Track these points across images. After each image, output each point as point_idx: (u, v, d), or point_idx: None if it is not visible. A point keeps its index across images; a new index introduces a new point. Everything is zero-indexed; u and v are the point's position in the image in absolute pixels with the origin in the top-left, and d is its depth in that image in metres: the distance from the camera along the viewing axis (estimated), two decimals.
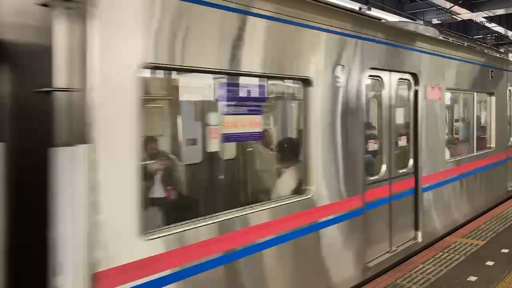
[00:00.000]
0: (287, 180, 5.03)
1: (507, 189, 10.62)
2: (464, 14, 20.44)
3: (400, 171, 6.57)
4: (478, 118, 9.74)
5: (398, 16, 20.44)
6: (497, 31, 24.08)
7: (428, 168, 7.08)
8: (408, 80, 6.76)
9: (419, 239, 6.83)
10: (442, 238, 7.40)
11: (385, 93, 6.27)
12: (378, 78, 6.13)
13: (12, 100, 3.22)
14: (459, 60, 8.18)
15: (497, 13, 20.77)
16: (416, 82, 6.83)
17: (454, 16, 20.89)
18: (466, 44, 9.60)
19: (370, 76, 5.81)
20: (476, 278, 5.71)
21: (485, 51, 10.38)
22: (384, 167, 6.19)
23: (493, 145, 9.72)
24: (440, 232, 7.47)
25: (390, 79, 6.35)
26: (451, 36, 9.32)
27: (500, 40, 22.56)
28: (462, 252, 6.67)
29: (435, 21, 22.04)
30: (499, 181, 10.21)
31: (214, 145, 5.28)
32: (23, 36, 3.29)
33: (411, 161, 6.84)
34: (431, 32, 8.16)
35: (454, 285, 5.50)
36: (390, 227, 6.29)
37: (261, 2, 4.23)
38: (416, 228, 6.88)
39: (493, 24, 22.87)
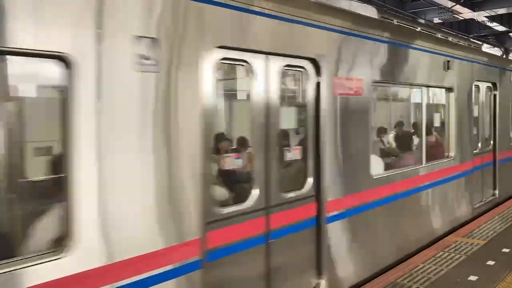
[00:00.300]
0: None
1: (473, 206, 8.75)
2: (465, 13, 20.44)
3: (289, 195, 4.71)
4: (430, 120, 7.90)
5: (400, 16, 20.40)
6: (498, 30, 24.04)
7: (340, 189, 5.30)
8: (303, 68, 4.92)
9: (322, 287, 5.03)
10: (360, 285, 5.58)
11: (258, 86, 4.39)
12: (243, 63, 4.33)
13: None
14: (399, 45, 6.45)
15: (498, 12, 20.75)
16: (318, 72, 5.00)
17: (455, 16, 20.87)
18: (411, 26, 7.57)
19: (223, 59, 4.05)
20: (477, 277, 5.70)
21: (440, 35, 8.41)
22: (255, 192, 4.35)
23: (452, 153, 8.03)
24: (354, 278, 5.53)
25: (268, 66, 4.47)
26: (397, 18, 7.34)
27: (501, 39, 22.55)
28: (462, 252, 6.66)
29: (436, 20, 22.04)
30: (461, 197, 8.35)
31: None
32: None
33: (309, 181, 4.97)
34: (354, 7, 6.30)
35: (455, 285, 5.49)
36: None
37: None
38: (319, 272, 5.05)
39: (494, 24, 22.85)
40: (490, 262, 6.22)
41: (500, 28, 23.71)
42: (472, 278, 5.68)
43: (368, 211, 5.74)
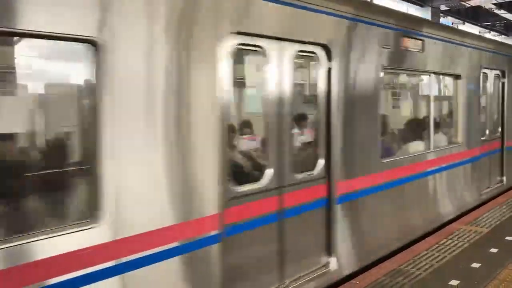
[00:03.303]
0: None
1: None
2: (472, 0, 20.24)
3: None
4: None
5: (406, 3, 20.27)
6: (506, 18, 23.84)
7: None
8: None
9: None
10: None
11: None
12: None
13: None
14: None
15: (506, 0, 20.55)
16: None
17: (462, 3, 20.69)
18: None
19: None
20: (480, 264, 5.73)
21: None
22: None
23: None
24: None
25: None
26: None
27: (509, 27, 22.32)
28: (466, 239, 6.69)
29: (443, 7, 21.86)
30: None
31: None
32: None
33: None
34: None
35: (458, 272, 5.53)
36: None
37: None
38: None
39: (502, 11, 22.63)
40: (493, 250, 6.25)
41: (508, 15, 23.49)
42: (475, 265, 5.72)
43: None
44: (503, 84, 10.04)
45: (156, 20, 3.45)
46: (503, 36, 27.61)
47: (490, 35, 25.77)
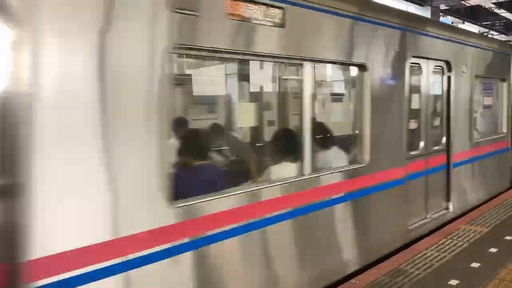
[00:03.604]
0: None
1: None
2: None
3: None
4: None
5: (405, 2, 20.25)
6: (506, 17, 23.83)
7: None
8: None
9: None
10: None
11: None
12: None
13: None
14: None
15: None
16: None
17: (462, 2, 20.68)
18: None
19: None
20: (480, 264, 5.73)
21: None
22: None
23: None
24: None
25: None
26: None
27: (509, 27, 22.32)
28: (465, 239, 6.68)
29: (443, 6, 21.85)
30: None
31: None
32: None
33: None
34: None
35: (457, 271, 5.52)
36: None
37: None
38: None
39: (502, 10, 22.63)
40: (493, 249, 6.24)
41: (508, 15, 23.49)
42: (475, 265, 5.71)
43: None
44: (448, 79, 7.72)
45: None
46: (503, 35, 27.61)
47: (490, 35, 25.77)
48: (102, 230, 3.13)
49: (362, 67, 5.65)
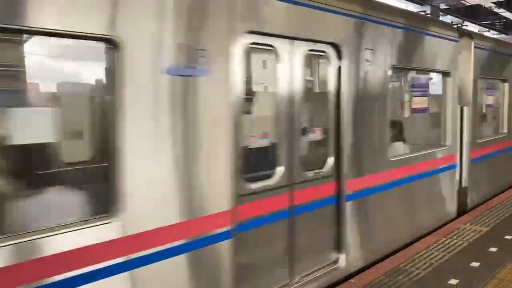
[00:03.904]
0: None
1: None
2: None
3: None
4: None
5: (405, 1, 20.24)
6: (505, 17, 23.83)
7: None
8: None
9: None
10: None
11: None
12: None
13: None
14: None
15: None
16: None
17: (462, 1, 20.68)
18: None
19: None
20: (479, 264, 5.73)
21: None
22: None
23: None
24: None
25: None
26: None
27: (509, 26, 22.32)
28: (465, 238, 6.68)
29: (443, 6, 21.84)
30: None
31: None
32: None
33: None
34: None
35: (457, 271, 5.52)
36: None
37: None
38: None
39: (501, 10, 22.62)
40: (492, 249, 6.24)
41: (507, 14, 23.49)
42: (474, 264, 5.71)
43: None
44: (339, 71, 5.26)
45: None
46: (502, 35, 27.60)
47: (490, 34, 25.77)
48: None
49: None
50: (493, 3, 21.24)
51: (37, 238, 2.93)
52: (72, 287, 3.05)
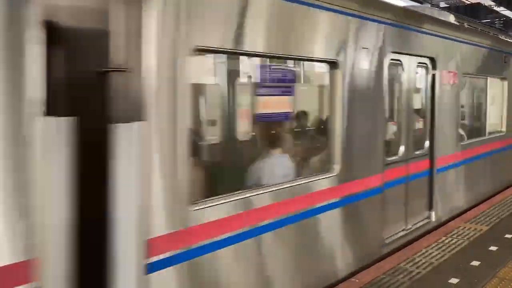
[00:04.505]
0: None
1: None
2: None
3: None
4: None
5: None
6: (505, 15, 23.81)
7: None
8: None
9: None
10: None
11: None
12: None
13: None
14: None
15: None
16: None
17: (462, 0, 20.65)
18: None
19: None
20: (479, 263, 5.72)
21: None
22: None
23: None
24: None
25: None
26: None
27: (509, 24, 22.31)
28: (465, 237, 6.68)
29: (442, 4, 21.80)
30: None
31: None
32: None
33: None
34: None
35: (457, 270, 5.51)
36: None
37: None
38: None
39: (501, 8, 22.61)
40: (493, 248, 6.24)
41: (507, 12, 23.46)
42: (475, 263, 5.71)
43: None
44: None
45: None
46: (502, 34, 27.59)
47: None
48: None
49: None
50: (493, 1, 21.22)
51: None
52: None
